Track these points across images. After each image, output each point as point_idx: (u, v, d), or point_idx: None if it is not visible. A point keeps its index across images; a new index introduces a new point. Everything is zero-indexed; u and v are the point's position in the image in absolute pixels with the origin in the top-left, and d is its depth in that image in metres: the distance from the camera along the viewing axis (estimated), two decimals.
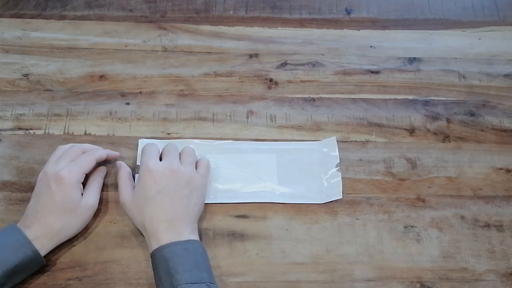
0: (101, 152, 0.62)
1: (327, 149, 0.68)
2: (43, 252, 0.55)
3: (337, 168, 0.67)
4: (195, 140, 0.68)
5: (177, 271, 0.52)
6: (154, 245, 0.55)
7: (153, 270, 0.55)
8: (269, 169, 0.67)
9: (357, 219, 0.64)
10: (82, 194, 0.58)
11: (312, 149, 0.68)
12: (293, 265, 0.61)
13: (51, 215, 0.56)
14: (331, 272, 0.61)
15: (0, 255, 0.52)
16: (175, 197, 0.57)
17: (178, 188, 0.58)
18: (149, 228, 0.56)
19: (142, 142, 0.66)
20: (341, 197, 0.65)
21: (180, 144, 0.65)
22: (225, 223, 0.63)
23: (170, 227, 0.55)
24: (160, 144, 0.64)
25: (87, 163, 0.60)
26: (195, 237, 0.56)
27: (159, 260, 0.54)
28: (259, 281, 0.60)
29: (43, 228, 0.55)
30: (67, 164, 0.58)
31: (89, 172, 0.61)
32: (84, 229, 0.60)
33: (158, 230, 0.55)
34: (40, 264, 0.56)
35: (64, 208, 0.56)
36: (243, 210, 0.64)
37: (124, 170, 0.62)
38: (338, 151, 0.68)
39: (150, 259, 0.56)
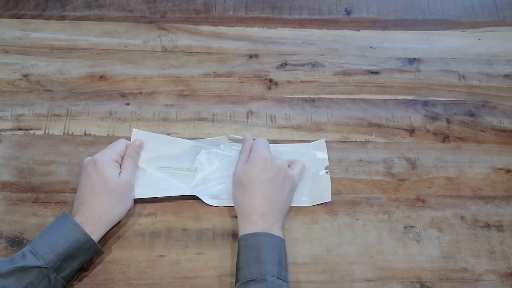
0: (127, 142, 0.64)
1: (316, 151, 0.68)
2: (94, 237, 0.56)
3: (326, 171, 0.66)
4: (187, 140, 0.67)
5: (267, 261, 0.54)
6: (247, 228, 0.57)
7: (239, 251, 0.56)
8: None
9: (357, 219, 0.64)
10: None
11: (301, 151, 0.68)
12: (293, 265, 0.61)
13: (93, 197, 0.57)
14: (331, 272, 0.61)
15: (51, 240, 0.54)
16: (278, 190, 0.60)
17: (283, 183, 0.60)
18: (248, 209, 0.58)
19: (135, 133, 0.66)
20: (330, 200, 0.65)
21: (175, 142, 0.66)
22: (225, 223, 0.63)
23: (266, 215, 0.58)
24: (153, 136, 0.66)
25: (117, 144, 0.62)
26: (282, 235, 0.58)
27: (252, 244, 0.56)
28: None
29: (88, 212, 0.56)
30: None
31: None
32: None
33: (256, 215, 0.57)
34: (94, 249, 0.56)
35: (103, 188, 0.57)
36: None
37: (248, 143, 0.64)
38: (338, 151, 0.68)
39: (239, 240, 0.57)
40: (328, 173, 0.66)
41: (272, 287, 0.52)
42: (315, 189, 0.65)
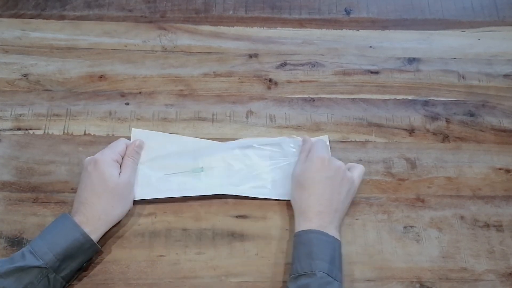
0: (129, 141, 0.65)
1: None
2: (94, 237, 0.56)
3: None
4: (195, 139, 0.67)
5: (318, 257, 0.54)
6: (302, 225, 0.58)
7: (294, 246, 0.57)
8: (264, 166, 0.66)
9: (356, 219, 0.64)
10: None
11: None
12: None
13: (93, 196, 0.57)
14: None
15: (51, 240, 0.54)
16: (335, 189, 0.60)
17: (341, 184, 0.61)
18: (304, 207, 0.59)
19: (135, 132, 0.67)
20: None
21: (175, 140, 0.66)
22: (225, 223, 0.63)
23: (322, 214, 0.58)
24: (153, 135, 0.66)
25: (118, 143, 0.63)
26: (338, 236, 0.58)
27: (305, 241, 0.56)
28: (258, 281, 0.60)
29: (88, 212, 0.56)
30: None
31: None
32: None
33: (312, 213, 0.58)
34: (94, 249, 0.56)
35: (103, 187, 0.58)
36: (243, 211, 0.64)
37: (308, 144, 0.65)
38: (338, 151, 0.68)
39: (294, 236, 0.58)
40: None
41: (321, 282, 0.52)
42: None
